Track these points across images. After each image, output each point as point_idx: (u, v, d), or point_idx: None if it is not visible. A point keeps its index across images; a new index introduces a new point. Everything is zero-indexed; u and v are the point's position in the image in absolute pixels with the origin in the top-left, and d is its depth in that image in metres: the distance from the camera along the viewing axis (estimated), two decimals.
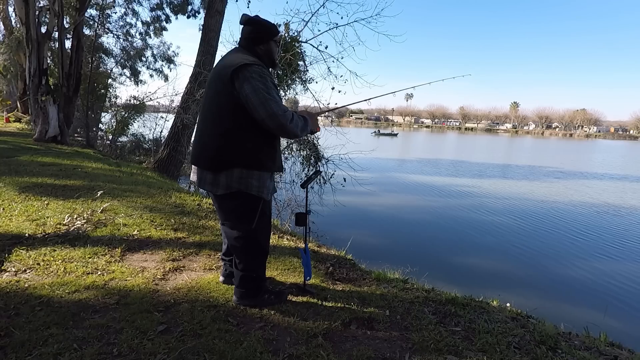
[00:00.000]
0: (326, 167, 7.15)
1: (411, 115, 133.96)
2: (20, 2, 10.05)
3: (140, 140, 14.67)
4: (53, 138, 9.95)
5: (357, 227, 9.19)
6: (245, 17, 2.10)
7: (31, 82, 10.37)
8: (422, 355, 1.80)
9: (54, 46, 13.22)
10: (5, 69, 19.68)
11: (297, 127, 1.96)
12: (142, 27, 18.38)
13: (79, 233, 3.12)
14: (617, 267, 7.55)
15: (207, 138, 2.03)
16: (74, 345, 1.68)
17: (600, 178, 21.04)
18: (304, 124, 2.03)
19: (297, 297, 2.31)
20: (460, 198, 13.62)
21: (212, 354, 1.68)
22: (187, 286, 2.35)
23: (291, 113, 1.94)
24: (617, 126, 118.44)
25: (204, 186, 2.07)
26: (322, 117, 7.85)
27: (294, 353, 1.73)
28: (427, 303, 2.42)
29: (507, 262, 7.58)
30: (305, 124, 2.05)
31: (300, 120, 2.00)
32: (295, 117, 1.95)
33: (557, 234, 9.63)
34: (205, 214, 4.14)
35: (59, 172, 5.70)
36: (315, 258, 3.11)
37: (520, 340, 2.03)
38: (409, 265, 3.99)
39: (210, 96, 2.06)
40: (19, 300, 2.02)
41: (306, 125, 2.06)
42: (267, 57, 2.12)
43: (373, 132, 59.66)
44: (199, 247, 3.07)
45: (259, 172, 2.01)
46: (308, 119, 2.09)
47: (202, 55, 8.78)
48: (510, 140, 69.37)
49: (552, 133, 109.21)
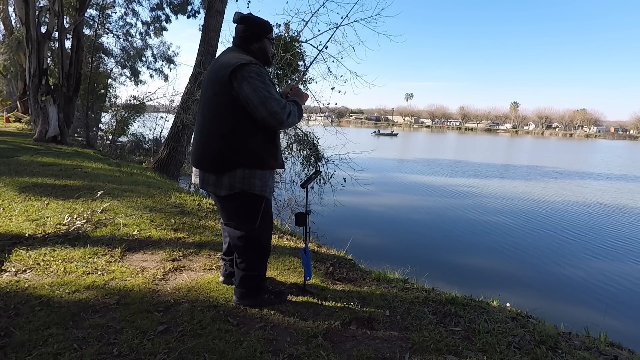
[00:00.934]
0: (326, 167, 7.16)
1: (411, 115, 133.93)
2: (20, 2, 10.05)
3: (140, 140, 14.68)
4: (53, 138, 9.95)
5: (357, 227, 9.19)
6: (238, 15, 2.10)
7: (31, 82, 10.37)
8: (422, 355, 1.80)
9: (54, 46, 13.23)
10: (5, 69, 19.69)
11: (295, 117, 2.03)
12: (142, 27, 18.39)
13: (79, 233, 3.12)
14: (617, 267, 7.55)
15: (207, 140, 2.03)
16: (74, 345, 1.68)
17: (601, 178, 21.04)
18: (298, 109, 2.09)
19: (297, 297, 2.31)
20: (460, 198, 13.62)
21: (212, 354, 1.68)
22: (187, 286, 2.35)
23: (288, 107, 1.96)
24: (617, 126, 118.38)
25: (207, 188, 2.07)
26: (322, 117, 7.87)
27: (294, 353, 1.73)
28: (427, 303, 2.42)
29: (507, 262, 7.58)
30: (299, 107, 2.10)
31: (294, 107, 2.04)
32: (291, 108, 1.99)
33: (557, 233, 9.63)
34: (205, 214, 4.14)
35: (59, 172, 5.70)
36: (315, 258, 3.11)
37: (520, 340, 2.03)
38: (409, 265, 3.99)
39: (208, 97, 2.06)
40: (19, 300, 2.02)
41: (300, 109, 2.13)
42: (261, 54, 2.13)
43: (373, 132, 59.66)
44: (199, 247, 3.07)
45: (261, 171, 2.01)
46: (297, 100, 2.15)
47: (202, 55, 8.78)
48: (510, 140, 69.36)
49: (552, 133, 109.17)
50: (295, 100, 2.12)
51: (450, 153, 34.62)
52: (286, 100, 2.03)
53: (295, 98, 2.15)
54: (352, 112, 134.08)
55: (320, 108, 7.02)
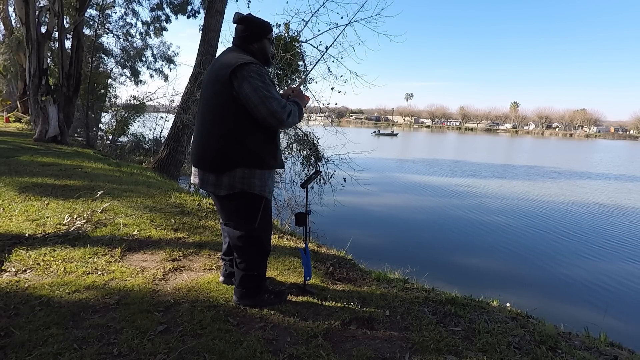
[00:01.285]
0: (326, 167, 7.15)
1: (411, 115, 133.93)
2: (20, 2, 10.05)
3: (140, 140, 14.69)
4: (53, 138, 9.95)
5: (357, 227, 9.19)
6: (238, 15, 2.10)
7: (31, 82, 10.37)
8: (422, 355, 1.80)
9: (54, 46, 13.24)
10: (5, 69, 19.69)
11: (295, 117, 2.03)
12: (142, 27, 18.39)
13: (79, 233, 3.12)
14: (617, 267, 7.55)
15: (207, 139, 2.03)
16: (74, 345, 1.68)
17: (600, 178, 21.04)
18: (299, 109, 2.08)
19: (297, 297, 2.31)
20: (460, 198, 13.62)
21: (212, 354, 1.68)
22: (187, 286, 2.35)
23: (288, 106, 1.96)
24: (617, 126, 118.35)
25: (206, 187, 2.07)
26: (322, 117, 7.86)
27: (294, 353, 1.73)
28: (427, 303, 2.42)
29: (507, 262, 7.58)
30: (299, 108, 2.10)
31: (295, 108, 2.03)
32: (291, 108, 1.99)
33: (557, 233, 9.63)
34: (205, 214, 4.14)
35: (59, 172, 5.70)
36: (315, 258, 3.11)
37: (520, 340, 2.03)
38: (409, 265, 3.99)
39: (208, 97, 2.06)
40: (19, 300, 2.02)
41: (301, 110, 2.12)
42: (261, 55, 2.13)
43: (373, 132, 59.65)
44: (199, 247, 3.07)
45: (260, 171, 2.01)
46: (298, 101, 2.14)
47: (202, 55, 8.79)
48: (510, 140, 69.36)
49: (552, 133, 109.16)
50: (296, 101, 2.12)
51: (450, 153, 34.62)
52: (287, 101, 2.03)
53: (297, 99, 2.15)
54: (352, 112, 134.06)
55: (320, 108, 7.02)
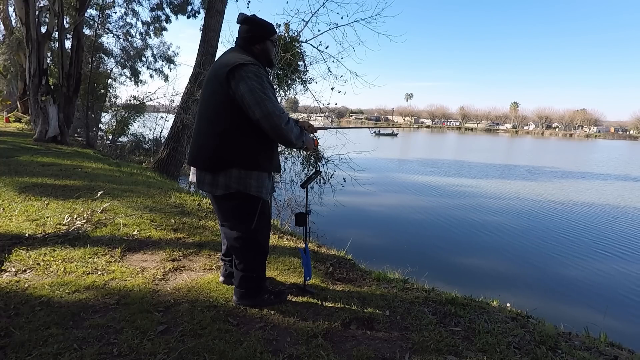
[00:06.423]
0: (326, 167, 7.15)
1: (411, 115, 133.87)
2: (20, 2, 10.04)
3: (140, 140, 14.70)
4: (53, 138, 9.95)
5: (357, 227, 9.19)
6: (242, 16, 2.09)
7: (31, 82, 10.36)
8: (422, 355, 1.80)
9: (54, 46, 13.23)
10: (5, 69, 19.67)
11: (291, 132, 1.93)
12: (142, 27, 18.40)
13: (79, 233, 3.12)
14: (617, 267, 7.55)
15: (204, 138, 2.02)
16: (74, 345, 1.68)
17: (599, 178, 21.03)
18: (299, 132, 2.01)
19: (297, 297, 2.31)
20: (460, 198, 13.62)
21: (212, 354, 1.68)
22: (187, 286, 2.35)
23: (287, 115, 1.93)
24: (617, 126, 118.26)
25: (203, 187, 2.06)
26: (322, 117, 7.86)
27: (294, 353, 1.73)
28: (427, 303, 2.42)
29: (507, 262, 7.58)
30: (301, 134, 2.03)
31: (296, 128, 1.98)
32: (291, 121, 1.94)
33: (557, 234, 9.63)
34: (205, 214, 4.14)
35: (59, 172, 5.69)
36: (315, 258, 3.11)
37: (520, 340, 2.03)
38: (409, 265, 3.99)
39: (207, 96, 2.06)
40: (19, 300, 2.02)
41: (301, 135, 2.03)
42: (263, 56, 2.11)
43: (373, 132, 59.59)
44: (199, 247, 3.07)
45: (257, 172, 2.00)
46: (305, 133, 2.08)
47: (202, 56, 8.79)
48: (510, 140, 69.35)
49: (552, 133, 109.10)
50: (302, 128, 2.08)
51: (450, 153, 34.62)
52: (292, 119, 1.99)
53: (306, 129, 2.12)
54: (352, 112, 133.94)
55: (320, 108, 7.02)
